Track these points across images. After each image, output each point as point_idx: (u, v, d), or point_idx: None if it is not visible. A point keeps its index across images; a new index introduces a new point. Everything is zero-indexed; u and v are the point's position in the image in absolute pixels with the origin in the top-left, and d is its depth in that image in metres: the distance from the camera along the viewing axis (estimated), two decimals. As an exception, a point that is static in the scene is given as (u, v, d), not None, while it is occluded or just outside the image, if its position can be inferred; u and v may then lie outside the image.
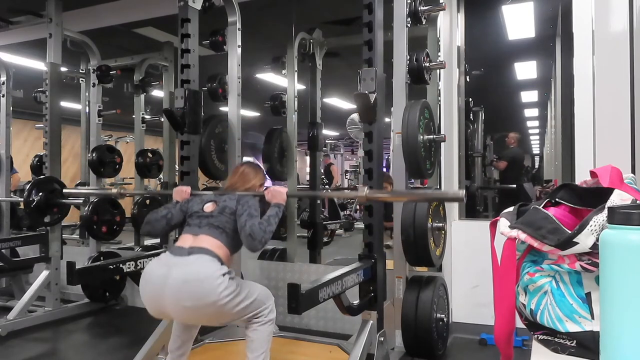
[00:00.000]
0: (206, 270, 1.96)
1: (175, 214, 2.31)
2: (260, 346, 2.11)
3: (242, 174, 2.44)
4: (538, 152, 13.01)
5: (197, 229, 2.15)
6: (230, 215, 2.16)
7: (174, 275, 1.95)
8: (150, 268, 2.08)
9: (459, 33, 3.74)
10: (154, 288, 2.00)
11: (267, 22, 4.62)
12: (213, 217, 2.17)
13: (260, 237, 2.05)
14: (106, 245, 4.41)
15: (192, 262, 1.98)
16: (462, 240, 3.40)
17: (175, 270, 1.96)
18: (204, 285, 1.93)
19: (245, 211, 2.13)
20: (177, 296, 1.94)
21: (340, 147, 12.93)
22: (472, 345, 3.14)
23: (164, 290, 1.95)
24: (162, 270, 1.99)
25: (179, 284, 1.94)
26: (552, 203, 1.21)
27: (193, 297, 1.93)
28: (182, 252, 2.03)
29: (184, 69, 2.84)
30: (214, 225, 2.14)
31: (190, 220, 2.23)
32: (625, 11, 2.75)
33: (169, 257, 2.05)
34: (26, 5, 3.94)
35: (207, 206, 2.25)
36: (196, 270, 1.96)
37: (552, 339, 1.08)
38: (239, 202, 2.19)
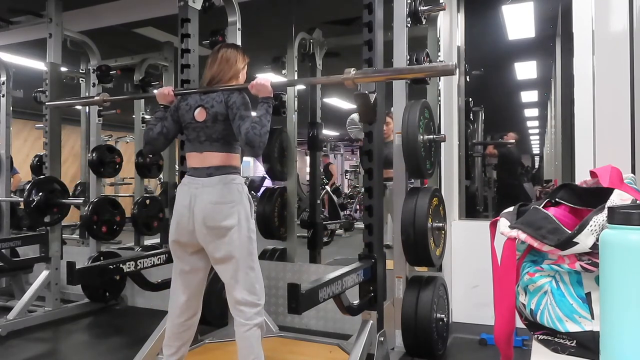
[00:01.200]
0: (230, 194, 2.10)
1: (169, 127, 2.29)
2: (250, 352, 2.10)
3: (223, 59, 2.24)
4: (538, 152, 13.00)
5: (199, 144, 2.19)
6: (224, 122, 2.15)
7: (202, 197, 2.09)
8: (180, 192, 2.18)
9: (459, 33, 3.74)
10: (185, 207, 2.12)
11: (267, 22, 4.62)
12: (208, 127, 2.17)
13: (258, 142, 2.05)
14: (106, 245, 4.41)
15: (215, 184, 2.10)
16: (462, 240, 3.40)
17: (202, 191, 2.10)
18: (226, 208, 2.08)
19: (236, 114, 2.10)
20: (203, 215, 2.07)
21: (340, 147, 12.93)
22: (472, 345, 3.14)
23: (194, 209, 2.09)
24: (191, 191, 2.12)
25: (205, 204, 2.08)
26: (552, 203, 1.21)
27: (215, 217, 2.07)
28: (202, 173, 2.14)
29: (184, 69, 2.85)
30: (213, 138, 2.17)
31: (187, 134, 2.24)
32: (625, 11, 2.75)
33: (192, 180, 2.15)
34: (26, 5, 3.94)
35: (197, 114, 2.20)
36: (220, 193, 2.09)
37: (552, 339, 1.08)
38: (227, 105, 2.14)
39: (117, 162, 4.40)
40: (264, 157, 4.09)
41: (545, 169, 8.52)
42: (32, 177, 5.20)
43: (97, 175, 4.39)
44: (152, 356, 2.56)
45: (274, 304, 3.52)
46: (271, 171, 4.12)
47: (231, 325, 3.11)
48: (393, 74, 2.53)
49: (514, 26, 5.26)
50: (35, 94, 5.27)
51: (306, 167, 6.41)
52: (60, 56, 3.91)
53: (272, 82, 2.15)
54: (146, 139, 2.31)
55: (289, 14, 4.36)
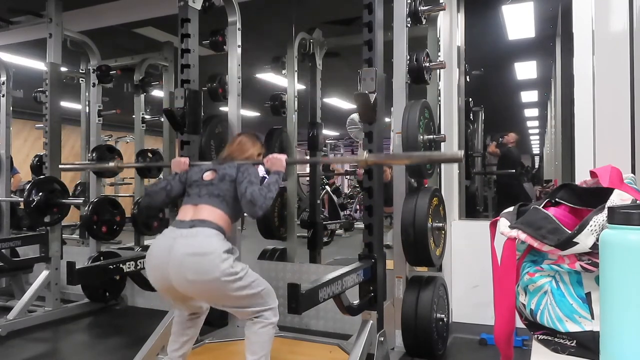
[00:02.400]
0: (210, 245, 1.97)
1: (174, 185, 2.31)
2: (261, 349, 2.09)
3: (240, 143, 2.43)
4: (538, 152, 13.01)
5: (197, 198, 2.15)
6: (230, 183, 2.15)
7: (178, 248, 1.96)
8: (155, 242, 2.09)
9: (459, 33, 3.74)
10: (159, 261, 2.01)
11: (267, 22, 4.62)
12: (213, 185, 2.17)
13: (261, 202, 2.05)
14: (106, 245, 4.41)
15: (195, 235, 1.99)
16: (462, 240, 3.40)
17: (180, 242, 1.98)
18: (207, 260, 1.94)
19: (246, 178, 2.12)
20: (181, 269, 1.94)
21: (340, 147, 12.93)
22: (472, 345, 3.14)
23: (168, 263, 1.96)
24: (167, 242, 2.01)
25: (183, 256, 1.95)
26: (552, 203, 1.21)
27: (197, 270, 1.93)
28: (185, 225, 2.05)
29: (184, 69, 2.85)
30: (214, 194, 2.14)
31: (190, 190, 2.23)
32: (625, 11, 2.75)
33: (172, 230, 2.06)
34: (26, 5, 3.94)
35: (206, 175, 2.23)
36: (199, 244, 1.97)
37: (552, 339, 1.08)
38: (238, 169, 2.18)
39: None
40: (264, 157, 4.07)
41: (545, 169, 8.52)
42: (32, 177, 5.20)
43: (97, 175, 4.39)
44: (152, 356, 2.56)
45: (274, 304, 3.51)
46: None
47: (231, 325, 3.12)
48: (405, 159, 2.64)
49: (514, 26, 5.26)
50: (35, 94, 5.27)
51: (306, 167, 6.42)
52: (60, 56, 3.91)
53: (287, 159, 2.27)
54: (147, 190, 2.34)
55: (289, 14, 4.36)
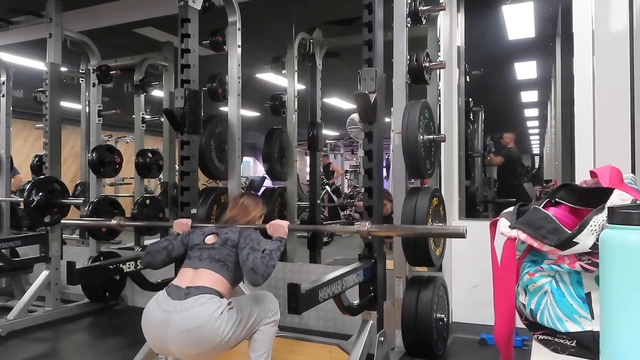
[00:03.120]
0: (204, 314, 1.92)
1: (176, 245, 2.30)
2: (263, 345, 2.12)
3: (242, 205, 2.45)
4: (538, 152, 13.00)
5: (198, 261, 2.13)
6: (232, 248, 2.15)
7: (175, 324, 1.92)
8: (149, 311, 2.03)
9: (459, 33, 3.74)
10: (157, 334, 1.99)
11: (267, 22, 4.62)
12: (214, 249, 2.16)
13: (263, 271, 2.02)
14: (106, 245, 4.41)
15: (189, 308, 1.93)
16: (462, 240, 3.39)
17: (175, 317, 1.93)
18: (204, 331, 1.91)
19: (248, 245, 2.11)
20: (182, 344, 1.93)
21: (340, 147, 12.93)
22: (472, 345, 3.14)
23: (167, 338, 1.95)
24: (162, 316, 1.96)
25: (180, 333, 1.91)
26: (552, 203, 1.21)
27: (197, 344, 1.93)
28: (180, 295, 1.98)
29: (184, 69, 2.84)
30: (215, 259, 2.12)
31: (191, 253, 2.21)
32: (625, 11, 2.75)
33: (167, 300, 1.99)
34: (26, 5, 3.94)
35: (208, 238, 2.24)
36: (195, 317, 1.92)
37: (552, 339, 1.08)
38: (241, 234, 2.18)
39: (117, 162, 4.40)
40: (264, 157, 4.09)
41: (545, 169, 8.52)
42: (32, 177, 5.20)
43: (97, 175, 4.40)
44: (152, 356, 2.56)
45: (274, 304, 3.51)
46: (271, 171, 4.12)
47: (231, 325, 3.11)
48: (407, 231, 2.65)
49: (514, 26, 5.26)
50: (35, 94, 5.28)
51: (306, 167, 6.42)
52: (60, 56, 3.91)
53: (289, 225, 2.32)
54: (148, 249, 2.32)
55: (289, 14, 4.36)
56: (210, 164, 3.33)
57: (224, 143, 3.36)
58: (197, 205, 2.98)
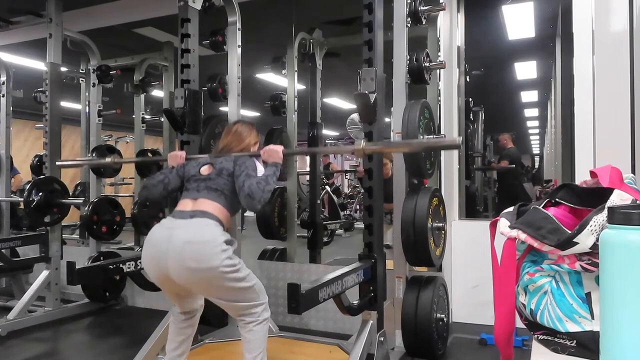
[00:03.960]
0: (210, 233, 1.97)
1: (172, 178, 2.31)
2: (258, 346, 2.10)
3: (236, 133, 2.40)
4: (538, 152, 13.01)
5: (196, 192, 2.14)
6: (228, 177, 2.15)
7: (178, 236, 1.95)
8: (153, 232, 2.07)
9: (459, 33, 3.75)
10: (157, 249, 2.00)
11: (267, 22, 4.62)
12: (211, 179, 2.16)
13: (259, 196, 2.04)
14: (106, 245, 4.41)
15: (195, 224, 1.99)
16: (462, 240, 3.40)
17: (179, 231, 1.97)
18: (207, 247, 1.93)
19: (243, 172, 2.12)
20: (180, 257, 1.93)
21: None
22: (472, 345, 3.14)
23: (167, 251, 1.95)
24: (166, 232, 2.00)
25: (182, 244, 1.94)
26: (552, 203, 1.21)
27: (196, 258, 1.92)
28: (184, 215, 2.04)
29: (184, 69, 2.85)
30: (212, 188, 2.13)
31: (188, 185, 2.22)
32: (625, 11, 2.75)
33: (171, 220, 2.06)
34: (26, 5, 3.94)
35: (203, 169, 2.23)
36: (200, 232, 1.96)
37: (552, 339, 1.08)
38: (236, 163, 2.18)
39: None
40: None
41: (545, 169, 8.53)
42: (32, 177, 5.20)
43: (97, 175, 4.39)
44: (152, 356, 2.56)
45: (274, 304, 3.51)
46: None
47: (231, 325, 3.12)
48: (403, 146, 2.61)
49: (514, 26, 5.27)
50: (35, 94, 5.27)
51: (306, 167, 6.42)
52: (60, 56, 3.91)
53: (284, 150, 2.25)
54: (145, 183, 2.32)
55: (289, 14, 4.36)
56: (210, 164, 3.33)
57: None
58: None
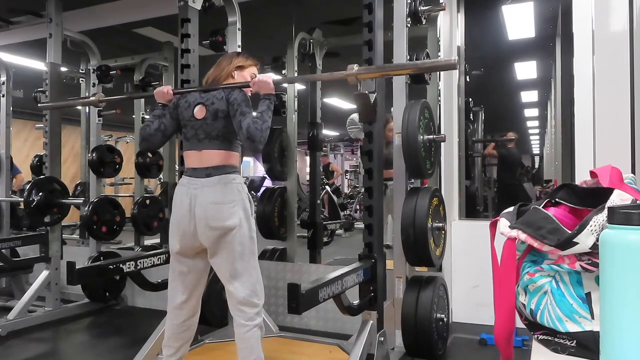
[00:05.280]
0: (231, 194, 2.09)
1: (167, 124, 2.28)
2: (251, 352, 2.10)
3: (219, 63, 2.34)
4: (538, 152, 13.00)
5: (197, 142, 2.16)
6: (224, 119, 2.14)
7: (202, 197, 2.08)
8: (178, 194, 2.15)
9: (459, 33, 3.75)
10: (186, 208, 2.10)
11: (267, 22, 4.62)
12: (207, 124, 2.15)
13: (259, 136, 2.03)
14: (106, 245, 4.41)
15: (215, 184, 2.09)
16: (462, 240, 3.40)
17: (202, 191, 2.08)
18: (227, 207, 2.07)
19: (237, 110, 2.09)
20: (205, 215, 2.06)
21: (340, 147, 12.94)
22: (472, 345, 3.14)
23: (195, 210, 2.08)
24: (191, 191, 2.10)
25: (207, 204, 2.07)
26: (552, 203, 1.21)
27: (218, 217, 2.05)
28: (201, 174, 2.12)
29: (184, 69, 2.84)
30: (212, 135, 2.14)
31: (186, 132, 2.21)
32: (625, 11, 2.75)
33: (191, 180, 2.13)
34: (26, 5, 3.94)
35: (197, 111, 2.19)
36: (222, 193, 2.08)
37: (552, 339, 1.08)
38: (228, 101, 2.14)
39: (117, 162, 4.39)
40: (264, 156, 4.09)
41: (545, 169, 8.53)
42: (32, 177, 5.20)
43: (97, 175, 4.39)
44: (152, 356, 2.56)
45: (274, 304, 3.52)
46: (271, 171, 4.12)
47: (231, 325, 3.11)
48: (395, 70, 2.52)
49: (514, 26, 5.27)
50: (35, 94, 5.27)
51: (306, 167, 6.42)
52: (60, 56, 3.91)
53: (274, 80, 2.18)
54: (143, 135, 2.27)
55: (289, 14, 4.36)
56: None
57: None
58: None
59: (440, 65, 2.47)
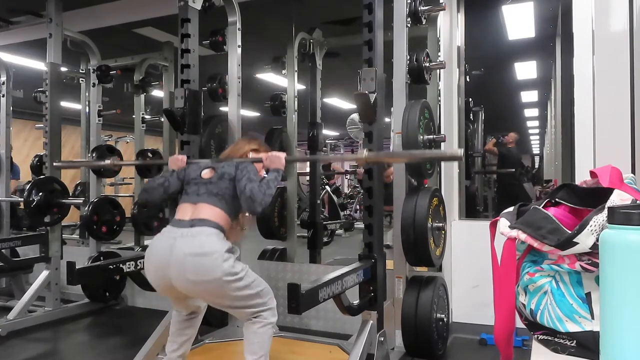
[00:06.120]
0: (211, 244, 1.96)
1: (172, 182, 2.29)
2: (260, 348, 2.08)
3: (236, 143, 2.51)
4: (538, 152, 13.01)
5: (196, 196, 2.13)
6: (229, 181, 2.14)
7: (180, 248, 1.95)
8: (154, 242, 2.06)
9: (459, 33, 3.75)
10: (160, 260, 1.99)
11: (267, 22, 4.62)
12: (212, 183, 2.15)
13: (260, 199, 2.03)
14: (106, 245, 4.41)
15: (195, 235, 1.97)
16: (462, 240, 3.40)
17: (180, 242, 1.96)
18: (208, 259, 1.93)
19: (245, 175, 2.11)
20: (182, 268, 1.93)
21: (340, 147, 12.93)
22: (472, 345, 3.14)
23: (169, 263, 1.95)
24: (167, 242, 1.99)
25: (184, 256, 1.93)
26: (552, 203, 1.21)
27: (198, 271, 1.92)
28: (184, 224, 2.03)
29: (184, 69, 2.85)
30: (212, 193, 2.12)
31: (188, 188, 2.21)
32: (625, 11, 2.75)
33: (171, 230, 2.04)
34: (26, 5, 3.94)
35: (205, 172, 2.22)
36: (200, 244, 1.95)
37: (552, 339, 1.08)
38: (237, 167, 2.17)
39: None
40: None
41: (545, 169, 8.53)
42: (32, 177, 5.19)
43: (97, 175, 4.39)
44: (152, 356, 2.56)
45: (274, 304, 3.51)
46: (271, 171, 4.11)
47: (231, 325, 3.12)
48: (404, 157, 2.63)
49: (514, 26, 5.27)
50: (35, 94, 5.27)
51: (306, 167, 6.42)
52: (60, 56, 3.91)
53: (286, 157, 2.25)
54: (145, 186, 2.32)
55: (289, 14, 4.36)
56: (210, 164, 3.33)
57: (224, 143, 3.36)
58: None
59: (447, 157, 2.55)
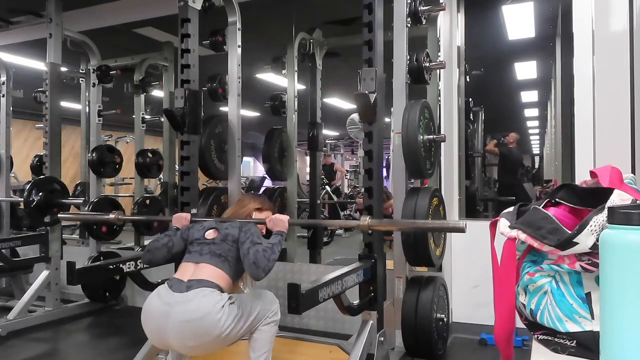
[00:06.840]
0: (206, 306, 1.94)
1: (176, 242, 2.29)
2: (263, 345, 2.12)
3: (239, 201, 2.58)
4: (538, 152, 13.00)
5: (199, 256, 2.13)
6: (232, 243, 2.15)
7: (175, 315, 1.93)
8: (150, 305, 2.04)
9: (459, 33, 3.75)
10: (157, 326, 2.00)
11: (267, 22, 4.62)
12: (215, 244, 2.16)
13: (264, 265, 2.02)
14: (106, 245, 4.41)
15: (191, 300, 1.95)
16: (462, 240, 3.40)
17: (176, 309, 1.94)
18: (205, 322, 1.92)
19: (248, 238, 2.11)
20: (182, 335, 1.94)
21: (340, 147, 12.93)
22: (472, 345, 3.14)
23: (167, 329, 1.95)
24: (163, 308, 1.97)
25: (180, 324, 1.93)
26: (552, 203, 1.22)
27: (196, 335, 1.93)
28: (181, 287, 2.00)
29: (184, 69, 2.84)
30: (215, 254, 2.12)
31: (191, 248, 2.21)
32: (625, 11, 2.75)
33: (168, 293, 2.01)
34: (26, 5, 3.94)
35: (208, 233, 2.24)
36: (196, 308, 1.93)
37: (552, 339, 1.08)
38: (241, 229, 2.17)
39: (117, 162, 4.40)
40: (264, 156, 4.09)
41: (545, 169, 8.52)
42: (32, 177, 5.19)
43: (97, 175, 4.39)
44: (152, 356, 2.56)
45: (274, 304, 3.51)
46: (271, 171, 4.12)
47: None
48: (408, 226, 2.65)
49: (514, 26, 5.26)
50: (35, 94, 5.28)
51: (306, 167, 6.42)
52: (60, 56, 3.91)
53: (289, 220, 2.29)
54: (149, 247, 2.31)
55: (289, 14, 4.36)
56: (210, 164, 3.33)
57: (224, 143, 3.36)
58: (197, 205, 2.98)
59: (450, 228, 2.59)
